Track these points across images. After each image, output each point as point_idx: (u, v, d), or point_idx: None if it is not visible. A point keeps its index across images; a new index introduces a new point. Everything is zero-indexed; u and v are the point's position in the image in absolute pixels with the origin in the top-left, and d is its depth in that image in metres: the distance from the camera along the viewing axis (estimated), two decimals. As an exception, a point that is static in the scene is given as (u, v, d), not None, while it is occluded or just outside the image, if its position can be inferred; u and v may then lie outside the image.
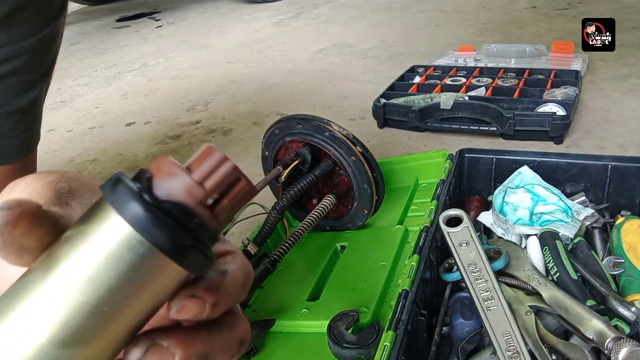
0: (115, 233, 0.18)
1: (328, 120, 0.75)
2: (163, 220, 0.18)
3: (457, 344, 0.59)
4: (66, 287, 0.18)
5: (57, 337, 0.17)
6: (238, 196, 0.19)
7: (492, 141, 1.15)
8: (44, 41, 0.57)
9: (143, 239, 0.17)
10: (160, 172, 0.18)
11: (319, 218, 0.73)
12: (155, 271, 0.18)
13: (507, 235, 0.73)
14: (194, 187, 0.18)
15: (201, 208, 0.18)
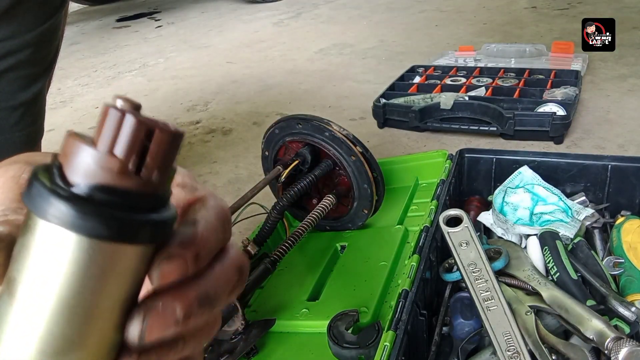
0: (50, 239, 0.16)
1: (328, 120, 0.75)
2: (90, 209, 0.16)
3: (457, 344, 0.59)
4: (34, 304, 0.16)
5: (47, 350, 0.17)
6: (161, 148, 0.17)
7: (492, 141, 1.15)
8: (45, 34, 0.57)
9: (80, 235, 0.16)
10: (68, 156, 0.16)
11: (319, 218, 0.73)
12: (110, 259, 0.17)
13: (507, 235, 0.73)
14: (105, 159, 0.16)
15: (124, 178, 0.16)
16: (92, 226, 0.16)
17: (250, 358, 0.61)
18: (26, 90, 0.57)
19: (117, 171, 0.16)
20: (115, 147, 0.16)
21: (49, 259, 0.16)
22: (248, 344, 0.60)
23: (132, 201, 0.16)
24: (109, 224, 0.16)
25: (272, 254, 0.67)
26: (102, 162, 0.16)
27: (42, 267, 0.16)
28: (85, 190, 0.16)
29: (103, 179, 0.16)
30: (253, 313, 0.67)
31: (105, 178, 0.16)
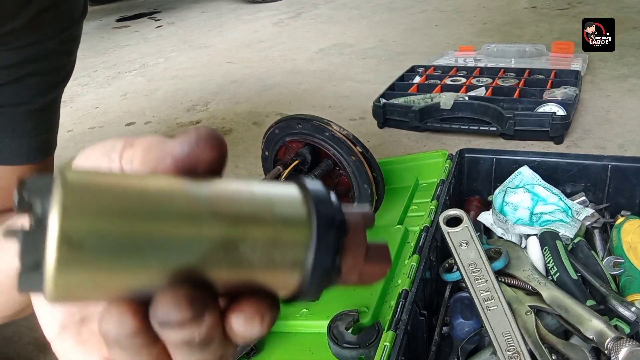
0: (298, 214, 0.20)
1: (328, 120, 0.75)
2: (330, 270, 0.20)
3: (457, 344, 0.59)
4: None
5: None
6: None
7: (492, 141, 1.15)
8: (65, 43, 0.58)
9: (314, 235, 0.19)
10: (354, 237, 0.21)
11: (319, 218, 0.73)
12: (290, 254, 0.19)
13: (507, 235, 0.73)
14: (354, 270, 0.21)
15: (343, 281, 0.21)
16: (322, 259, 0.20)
17: (250, 358, 0.61)
18: (44, 96, 0.58)
19: (346, 280, 0.22)
20: (364, 275, 0.22)
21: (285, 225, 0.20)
22: (248, 343, 0.60)
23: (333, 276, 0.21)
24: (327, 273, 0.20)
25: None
26: (353, 269, 0.22)
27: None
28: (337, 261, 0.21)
29: (345, 275, 0.21)
30: (253, 313, 0.67)
31: (345, 276, 0.21)
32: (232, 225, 0.18)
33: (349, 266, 0.20)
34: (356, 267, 0.21)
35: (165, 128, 1.48)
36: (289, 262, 0.19)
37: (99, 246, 0.16)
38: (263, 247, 0.19)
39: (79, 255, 0.16)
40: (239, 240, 0.18)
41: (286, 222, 0.19)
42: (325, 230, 0.19)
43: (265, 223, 0.19)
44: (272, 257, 0.19)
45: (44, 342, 0.28)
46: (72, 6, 0.57)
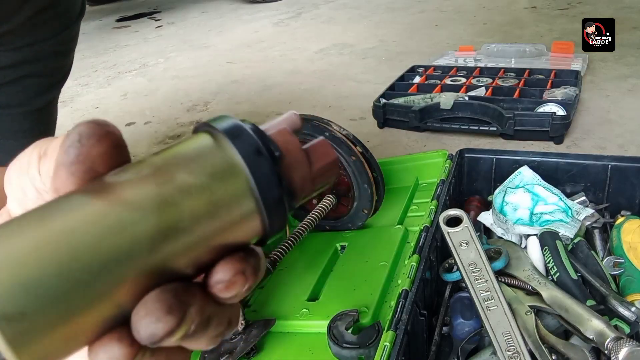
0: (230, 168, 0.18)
1: (328, 120, 0.75)
2: (275, 185, 0.19)
3: (457, 344, 0.59)
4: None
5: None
6: (323, 185, 0.22)
7: (492, 141, 1.15)
8: (63, 44, 0.58)
9: (252, 184, 0.18)
10: (288, 151, 0.20)
11: (319, 218, 0.73)
12: (240, 212, 0.18)
13: (507, 235, 0.73)
14: (309, 182, 0.20)
15: (301, 195, 0.20)
16: (266, 190, 0.19)
17: (250, 358, 0.61)
18: (41, 97, 0.58)
19: (304, 193, 0.21)
20: (317, 179, 0.21)
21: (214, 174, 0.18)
22: (248, 344, 0.60)
23: (285, 193, 0.20)
24: (274, 199, 0.19)
25: (272, 254, 0.67)
26: (305, 182, 0.21)
27: (196, 174, 0.18)
28: (282, 178, 0.20)
29: (298, 191, 0.20)
30: (253, 313, 0.67)
31: (299, 191, 0.20)
32: (162, 211, 0.17)
33: (298, 181, 0.20)
34: (305, 177, 0.20)
35: (165, 128, 1.48)
36: (240, 213, 0.18)
37: (40, 305, 0.15)
38: (206, 214, 0.18)
39: (26, 324, 0.15)
40: (178, 222, 0.17)
41: (215, 178, 0.18)
42: (256, 163, 0.18)
43: (194, 191, 0.18)
44: (220, 218, 0.18)
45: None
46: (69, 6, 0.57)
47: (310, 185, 0.20)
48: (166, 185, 0.17)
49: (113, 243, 0.16)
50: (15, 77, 0.54)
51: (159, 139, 1.41)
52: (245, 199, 0.18)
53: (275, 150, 0.19)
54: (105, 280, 0.16)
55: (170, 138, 1.41)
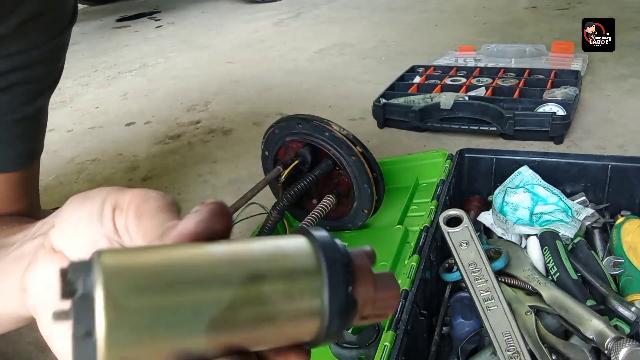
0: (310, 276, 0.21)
1: (328, 120, 0.75)
2: (344, 305, 0.21)
3: (457, 344, 0.59)
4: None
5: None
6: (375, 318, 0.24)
7: (492, 141, 1.15)
8: (54, 51, 0.57)
9: (326, 296, 0.21)
10: (361, 274, 0.22)
11: (319, 218, 0.73)
12: (307, 317, 0.21)
13: (507, 235, 0.73)
14: (368, 305, 0.22)
15: (359, 318, 0.23)
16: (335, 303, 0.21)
17: (250, 358, 0.61)
18: (31, 104, 0.57)
19: (363, 314, 0.23)
20: (377, 304, 0.23)
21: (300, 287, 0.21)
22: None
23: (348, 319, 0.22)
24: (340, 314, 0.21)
25: (272, 254, 0.67)
26: (369, 302, 0.23)
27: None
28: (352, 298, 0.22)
29: (359, 309, 0.23)
30: (253, 313, 0.67)
31: (359, 310, 0.23)
32: (254, 284, 0.20)
33: (363, 297, 0.22)
34: (368, 297, 0.22)
35: (165, 128, 1.48)
36: (308, 309, 0.21)
37: (140, 316, 0.18)
38: (282, 299, 0.21)
39: (124, 322, 0.18)
40: (262, 297, 0.20)
41: (300, 272, 0.21)
42: (335, 271, 0.21)
43: (281, 276, 0.21)
44: (292, 307, 0.21)
45: (44, 342, 0.28)
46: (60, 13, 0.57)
47: (370, 306, 0.23)
48: (263, 265, 0.21)
49: (210, 298, 0.20)
50: (5, 85, 0.54)
51: (159, 139, 1.41)
52: (316, 296, 0.21)
53: (352, 264, 0.22)
54: (192, 323, 0.19)
55: (170, 138, 1.41)
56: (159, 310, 0.19)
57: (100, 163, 1.32)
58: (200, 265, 0.20)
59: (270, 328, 0.21)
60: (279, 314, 0.21)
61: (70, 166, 1.32)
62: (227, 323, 0.20)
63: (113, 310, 0.18)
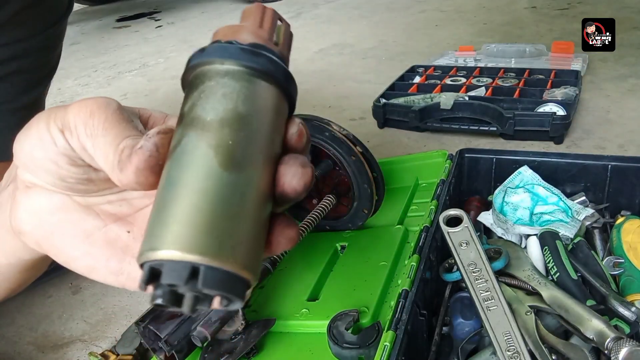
0: (228, 75, 0.24)
1: (328, 120, 0.74)
2: (255, 52, 0.24)
3: (457, 344, 0.59)
4: (216, 124, 0.23)
5: (223, 163, 0.22)
6: (287, 32, 0.27)
7: (492, 141, 1.15)
8: (50, 39, 0.58)
9: (249, 67, 0.24)
10: (226, 33, 0.26)
11: (319, 218, 0.73)
12: (267, 92, 0.24)
13: (507, 235, 0.73)
14: (258, 30, 0.26)
15: (271, 44, 0.26)
16: (256, 62, 0.24)
17: (250, 358, 0.61)
18: (28, 93, 0.57)
19: (267, 38, 0.26)
20: (263, 24, 0.27)
21: (232, 92, 0.24)
22: (248, 344, 0.60)
23: (277, 56, 0.25)
24: (265, 62, 0.24)
25: (272, 254, 0.67)
26: (258, 33, 0.26)
27: (225, 101, 0.24)
28: (252, 47, 0.25)
29: (261, 42, 0.25)
30: (253, 313, 0.67)
31: (262, 42, 0.25)
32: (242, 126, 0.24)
33: (248, 33, 0.26)
34: (251, 31, 0.26)
35: (165, 128, 1.48)
36: (271, 96, 0.25)
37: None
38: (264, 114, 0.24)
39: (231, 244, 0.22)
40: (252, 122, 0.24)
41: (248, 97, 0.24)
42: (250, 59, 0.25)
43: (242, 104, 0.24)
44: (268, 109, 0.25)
45: (43, 342, 0.28)
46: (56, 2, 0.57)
47: (262, 32, 0.26)
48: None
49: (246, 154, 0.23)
50: (3, 74, 0.54)
51: (159, 139, 1.41)
52: (241, 75, 0.24)
53: (218, 40, 0.26)
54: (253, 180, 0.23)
55: (170, 138, 1.41)
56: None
57: (100, 163, 1.32)
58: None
59: (256, 120, 0.24)
60: (245, 108, 0.23)
61: (70, 166, 1.32)
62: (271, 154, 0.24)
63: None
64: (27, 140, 0.27)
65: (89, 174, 0.28)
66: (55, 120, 0.26)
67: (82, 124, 0.26)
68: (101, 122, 0.25)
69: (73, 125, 0.26)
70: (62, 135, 0.26)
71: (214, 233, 0.21)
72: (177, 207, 0.21)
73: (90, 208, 0.29)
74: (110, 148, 0.25)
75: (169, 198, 0.22)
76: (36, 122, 0.27)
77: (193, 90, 0.24)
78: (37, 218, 0.29)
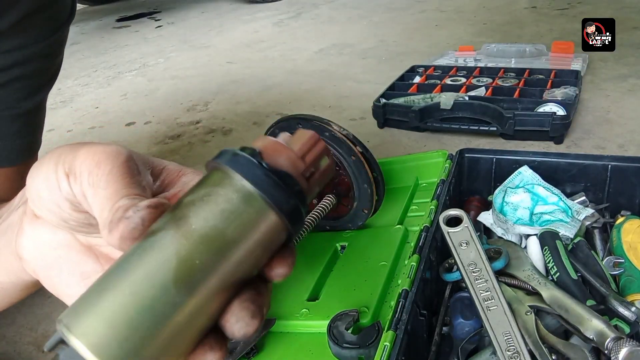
0: (239, 193, 0.23)
1: (328, 120, 0.74)
2: (279, 184, 0.23)
3: (457, 344, 0.59)
4: (196, 236, 0.22)
5: (178, 280, 0.21)
6: (326, 171, 0.26)
7: (492, 141, 1.15)
8: (52, 47, 0.58)
9: (264, 197, 0.23)
10: (268, 149, 0.24)
11: (319, 218, 0.73)
12: (268, 227, 0.23)
13: (507, 235, 0.73)
14: (297, 160, 0.24)
15: (302, 178, 0.24)
16: (276, 194, 0.23)
17: (250, 358, 0.61)
18: (29, 99, 0.57)
19: (301, 171, 0.24)
20: (306, 156, 0.25)
21: (229, 207, 0.22)
22: (248, 344, 0.60)
23: (299, 196, 0.24)
24: (287, 199, 0.23)
25: (272, 254, 0.67)
26: (295, 162, 0.24)
27: (218, 212, 0.22)
28: (277, 173, 0.23)
29: (290, 171, 0.24)
30: (253, 313, 0.67)
31: (292, 171, 0.24)
32: (208, 243, 0.22)
33: (284, 163, 0.24)
34: (290, 157, 0.24)
35: (165, 128, 1.48)
36: (255, 213, 0.23)
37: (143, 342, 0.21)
38: (239, 230, 0.23)
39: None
40: (222, 245, 0.22)
41: (231, 202, 0.23)
42: (238, 163, 0.23)
43: (223, 218, 0.23)
44: (236, 220, 0.23)
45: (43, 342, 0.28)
46: (59, 9, 0.57)
47: (300, 164, 0.24)
48: (201, 225, 0.22)
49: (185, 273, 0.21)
50: (3, 80, 0.54)
51: (158, 139, 1.41)
52: (251, 200, 0.23)
53: (256, 153, 0.24)
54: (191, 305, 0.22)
55: (170, 138, 1.41)
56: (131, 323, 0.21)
57: (100, 163, 1.32)
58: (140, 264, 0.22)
59: (238, 250, 0.22)
60: (234, 233, 0.22)
61: (70, 166, 1.32)
62: (191, 273, 0.21)
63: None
64: (37, 178, 0.28)
65: (90, 220, 0.28)
66: (63, 163, 0.27)
67: (87, 172, 0.26)
68: (105, 174, 0.25)
69: (79, 172, 0.26)
70: (67, 179, 0.26)
71: (125, 346, 0.20)
72: (112, 298, 0.21)
73: (91, 249, 0.30)
74: (108, 204, 0.25)
75: (113, 282, 0.22)
76: (47, 160, 0.28)
77: (205, 184, 0.24)
78: (38, 250, 0.29)
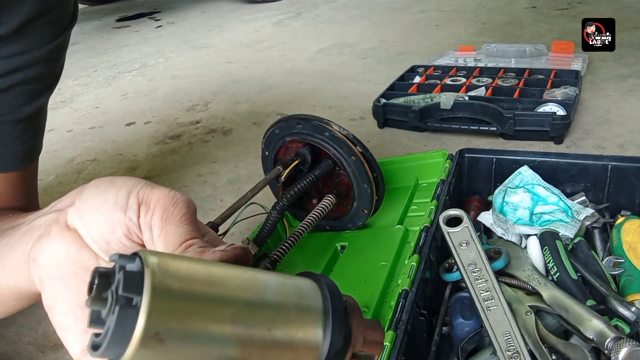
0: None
1: (328, 120, 0.74)
2: (342, 330, 0.25)
3: (457, 344, 0.59)
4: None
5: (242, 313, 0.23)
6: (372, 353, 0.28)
7: (492, 141, 1.15)
8: (54, 52, 0.57)
9: (328, 320, 0.25)
10: (359, 326, 0.27)
11: (319, 218, 0.73)
12: (304, 342, 0.24)
13: (507, 235, 0.73)
14: (360, 339, 0.27)
15: (351, 349, 0.26)
16: (336, 324, 0.26)
17: (250, 358, 0.61)
18: (31, 104, 0.57)
19: (355, 347, 0.27)
20: (366, 345, 0.28)
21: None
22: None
23: (340, 351, 0.26)
24: (337, 338, 0.26)
25: (272, 254, 0.67)
26: (358, 339, 0.27)
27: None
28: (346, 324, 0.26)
29: (352, 338, 0.27)
30: (253, 313, 0.67)
31: (352, 339, 0.27)
32: (258, 309, 0.23)
33: (355, 332, 0.26)
34: (359, 332, 0.27)
35: (165, 128, 1.48)
36: (310, 338, 0.24)
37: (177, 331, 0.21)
38: (285, 326, 0.24)
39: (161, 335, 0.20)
40: (269, 322, 0.24)
41: (305, 307, 0.25)
42: (337, 309, 0.25)
43: (285, 307, 0.24)
44: (293, 335, 0.24)
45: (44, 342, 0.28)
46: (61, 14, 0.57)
47: (360, 344, 0.27)
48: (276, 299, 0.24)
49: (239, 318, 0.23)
50: (5, 85, 0.54)
51: (158, 139, 1.41)
52: (317, 329, 0.25)
53: (347, 307, 0.27)
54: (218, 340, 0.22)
55: (170, 138, 1.41)
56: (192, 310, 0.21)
57: (100, 163, 1.32)
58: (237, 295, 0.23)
59: (275, 352, 0.23)
60: (282, 340, 0.23)
61: (70, 166, 1.32)
62: (244, 337, 0.22)
63: (154, 324, 0.20)
64: (103, 193, 0.28)
65: (127, 251, 0.28)
66: (139, 192, 0.28)
67: (162, 207, 0.27)
68: (180, 215, 0.27)
69: (153, 204, 0.27)
70: (138, 207, 0.27)
71: (179, 308, 0.22)
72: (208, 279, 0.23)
73: None
74: (177, 240, 0.26)
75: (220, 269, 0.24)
76: (122, 182, 0.28)
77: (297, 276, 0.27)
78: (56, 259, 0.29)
